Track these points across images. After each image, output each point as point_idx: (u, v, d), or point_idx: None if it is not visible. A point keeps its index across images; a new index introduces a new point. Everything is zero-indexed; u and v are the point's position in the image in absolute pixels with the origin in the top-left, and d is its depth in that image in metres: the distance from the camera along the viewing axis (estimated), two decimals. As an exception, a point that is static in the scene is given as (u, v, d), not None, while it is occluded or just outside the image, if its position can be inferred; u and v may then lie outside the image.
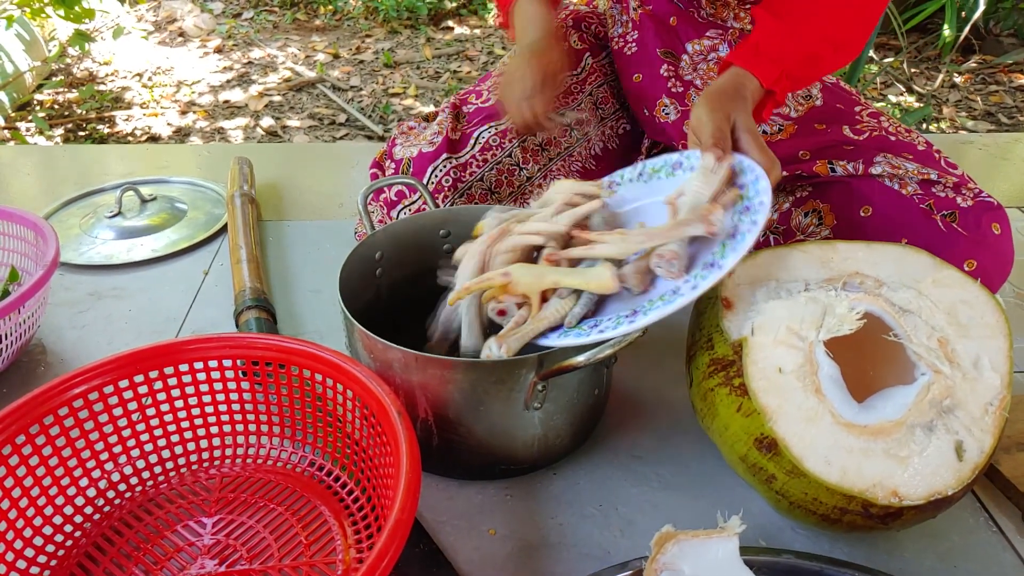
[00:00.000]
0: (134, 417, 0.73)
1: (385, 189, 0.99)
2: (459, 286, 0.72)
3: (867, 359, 0.69)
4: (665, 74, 1.02)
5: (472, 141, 0.99)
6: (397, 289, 0.89)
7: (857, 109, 0.97)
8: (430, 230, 0.89)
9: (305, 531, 0.69)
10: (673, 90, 1.02)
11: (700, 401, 0.69)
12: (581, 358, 0.65)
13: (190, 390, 0.75)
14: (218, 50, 3.38)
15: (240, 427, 0.77)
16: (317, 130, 2.71)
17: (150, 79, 3.09)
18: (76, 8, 2.35)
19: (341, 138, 2.66)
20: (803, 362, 0.63)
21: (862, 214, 0.89)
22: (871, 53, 2.94)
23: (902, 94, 2.79)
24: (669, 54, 1.02)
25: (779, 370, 0.63)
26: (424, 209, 0.91)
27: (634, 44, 1.04)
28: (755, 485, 0.66)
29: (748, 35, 0.89)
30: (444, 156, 0.97)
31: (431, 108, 2.79)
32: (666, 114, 1.03)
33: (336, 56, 3.32)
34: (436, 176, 0.96)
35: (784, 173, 0.93)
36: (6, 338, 0.86)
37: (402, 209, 0.97)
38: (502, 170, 0.99)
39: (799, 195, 0.94)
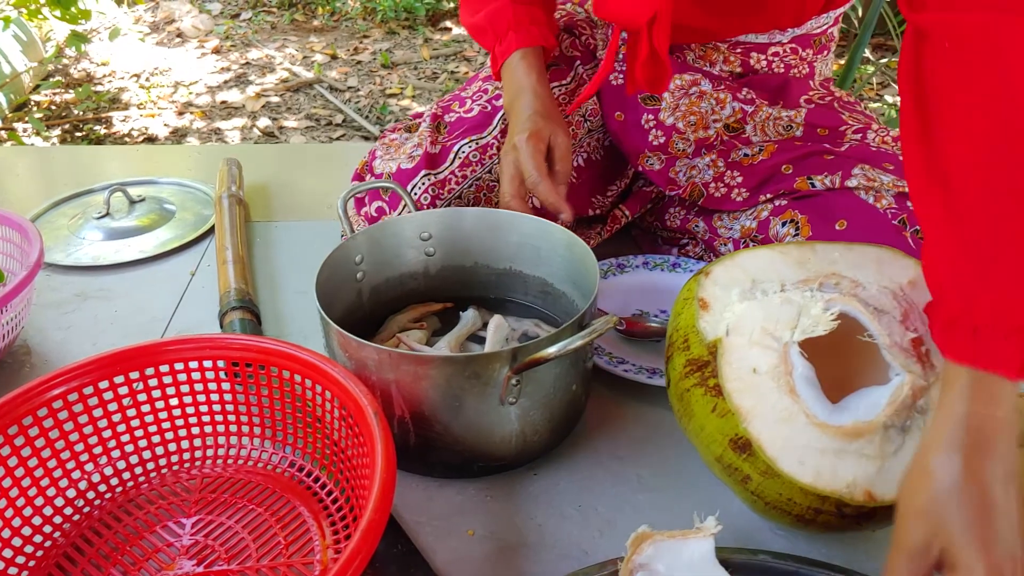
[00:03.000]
0: (114, 418, 0.73)
1: (366, 203, 0.98)
2: None
3: (843, 360, 0.69)
4: (646, 126, 1.01)
5: (452, 156, 0.97)
6: (379, 293, 0.89)
7: (842, 129, 0.96)
8: (410, 233, 0.89)
9: (284, 531, 0.70)
10: (655, 143, 1.01)
11: (677, 402, 0.69)
12: (552, 349, 0.65)
13: (170, 391, 0.75)
14: (216, 51, 3.39)
15: (221, 428, 0.77)
16: (314, 131, 2.72)
17: (147, 80, 3.10)
18: (72, 9, 2.35)
19: (338, 139, 2.66)
20: (777, 363, 0.63)
21: (837, 228, 0.88)
22: (867, 53, 2.94)
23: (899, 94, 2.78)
24: (650, 98, 1.01)
25: (754, 371, 0.63)
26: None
27: (620, 75, 1.02)
28: (731, 486, 0.66)
29: (932, 309, 0.60)
30: (423, 173, 0.95)
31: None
32: (650, 164, 1.02)
33: (334, 57, 3.32)
34: (415, 193, 0.95)
35: (768, 195, 0.93)
36: (-10, 339, 0.87)
37: None
38: (481, 187, 0.97)
39: (778, 203, 0.93)
